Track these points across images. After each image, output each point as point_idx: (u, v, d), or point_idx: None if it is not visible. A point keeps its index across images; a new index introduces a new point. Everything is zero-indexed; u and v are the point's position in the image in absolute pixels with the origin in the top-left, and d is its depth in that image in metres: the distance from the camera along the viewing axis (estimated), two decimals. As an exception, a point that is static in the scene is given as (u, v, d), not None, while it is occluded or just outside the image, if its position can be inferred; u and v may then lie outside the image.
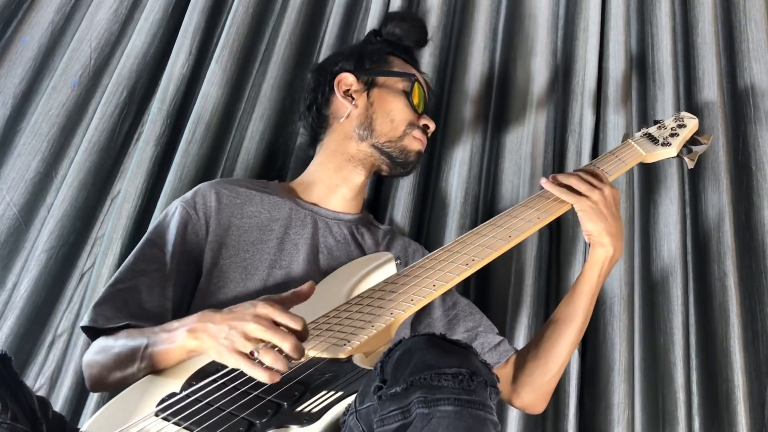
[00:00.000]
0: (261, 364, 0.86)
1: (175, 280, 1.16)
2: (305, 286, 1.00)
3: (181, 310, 1.15)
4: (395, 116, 1.33)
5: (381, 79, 1.37)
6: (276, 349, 0.88)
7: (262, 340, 0.89)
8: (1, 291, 1.46)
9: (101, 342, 1.08)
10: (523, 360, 1.24)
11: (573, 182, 1.19)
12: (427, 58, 1.65)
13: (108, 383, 1.04)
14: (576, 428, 1.36)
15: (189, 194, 1.26)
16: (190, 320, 0.97)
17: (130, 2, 1.70)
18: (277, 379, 0.86)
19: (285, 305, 0.94)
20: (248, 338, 0.89)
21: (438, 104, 1.69)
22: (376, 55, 1.41)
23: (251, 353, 0.87)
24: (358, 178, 1.34)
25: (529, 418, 1.40)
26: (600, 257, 1.18)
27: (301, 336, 0.89)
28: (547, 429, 1.42)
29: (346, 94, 1.36)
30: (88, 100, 1.62)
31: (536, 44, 1.69)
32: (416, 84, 1.36)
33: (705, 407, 1.39)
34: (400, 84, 1.36)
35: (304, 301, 0.99)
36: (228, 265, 1.18)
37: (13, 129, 1.58)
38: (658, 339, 1.43)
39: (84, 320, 1.11)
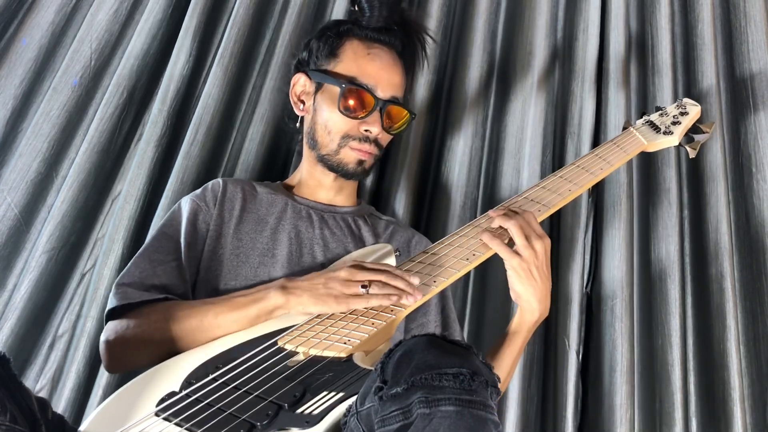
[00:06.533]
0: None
1: (189, 267, 1.17)
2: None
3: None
4: (331, 127, 1.26)
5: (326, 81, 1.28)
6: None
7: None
8: (1, 292, 1.46)
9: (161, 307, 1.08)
10: None
11: (513, 230, 1.11)
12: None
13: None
14: (575, 428, 1.36)
15: (198, 190, 1.29)
16: (274, 283, 1.07)
17: (130, 3, 1.70)
18: (417, 296, 0.99)
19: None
20: (349, 282, 1.01)
21: (437, 105, 1.69)
22: (327, 46, 1.30)
23: (363, 286, 1.01)
24: (327, 178, 1.32)
25: (528, 418, 1.40)
26: (527, 320, 1.15)
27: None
28: (546, 429, 1.41)
29: (300, 98, 1.33)
30: (88, 101, 1.62)
31: (535, 46, 1.68)
32: (352, 88, 1.23)
33: (702, 408, 1.39)
34: (338, 88, 1.25)
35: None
36: (224, 253, 1.19)
37: (14, 130, 1.58)
38: (655, 340, 1.44)
39: (112, 302, 1.10)
